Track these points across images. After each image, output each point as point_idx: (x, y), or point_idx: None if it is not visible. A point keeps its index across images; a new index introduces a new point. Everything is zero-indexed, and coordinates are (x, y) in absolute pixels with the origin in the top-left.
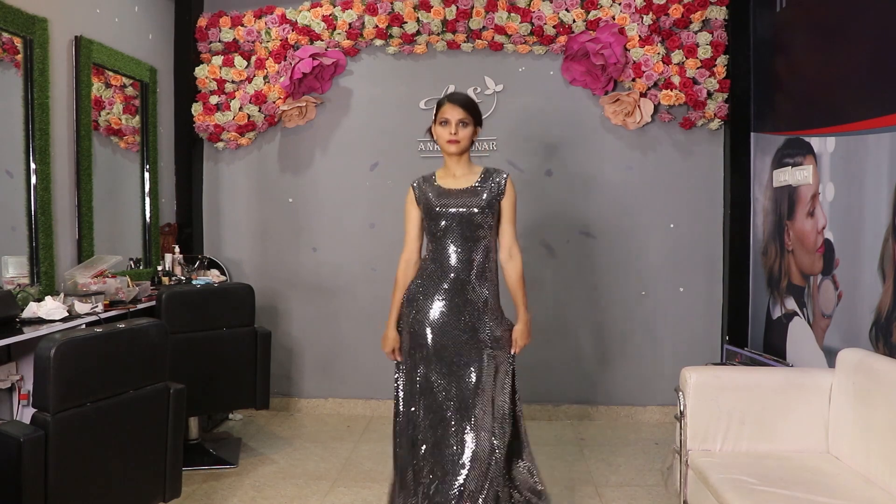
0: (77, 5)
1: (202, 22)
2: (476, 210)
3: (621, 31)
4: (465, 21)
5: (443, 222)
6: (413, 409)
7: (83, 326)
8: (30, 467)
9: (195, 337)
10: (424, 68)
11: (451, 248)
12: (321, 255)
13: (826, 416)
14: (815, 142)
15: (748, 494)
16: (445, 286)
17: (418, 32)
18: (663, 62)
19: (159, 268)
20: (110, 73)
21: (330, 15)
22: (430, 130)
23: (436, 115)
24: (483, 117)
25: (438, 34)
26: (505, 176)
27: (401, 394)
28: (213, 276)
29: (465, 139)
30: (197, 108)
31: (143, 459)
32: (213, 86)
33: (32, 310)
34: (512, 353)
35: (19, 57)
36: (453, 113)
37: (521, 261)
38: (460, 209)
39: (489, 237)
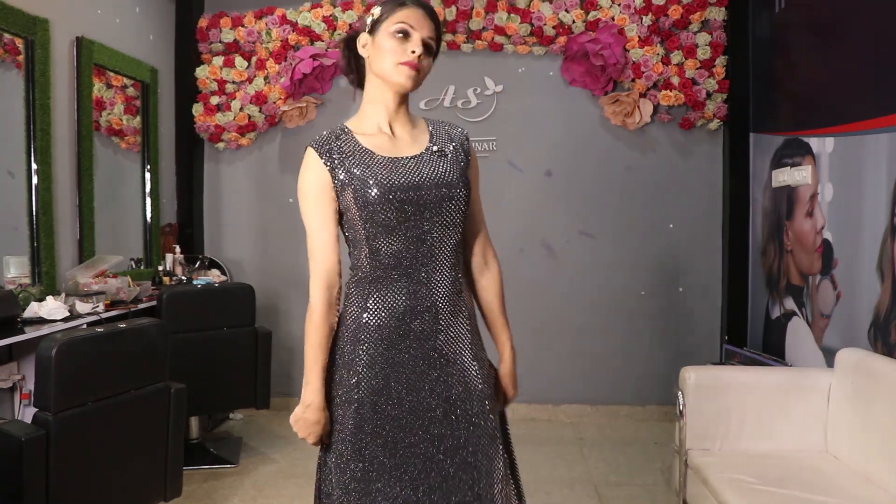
0: (78, 6)
1: (203, 23)
2: (457, 189)
3: (621, 31)
4: (464, 22)
5: (395, 213)
6: None
7: (84, 326)
8: (31, 467)
9: (196, 337)
10: None
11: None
12: None
13: (825, 415)
14: (813, 142)
15: (747, 494)
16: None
17: None
18: (662, 63)
19: (160, 268)
20: (111, 74)
21: (330, 16)
22: (349, 46)
23: (380, 21)
24: (483, 117)
25: None
26: (465, 131)
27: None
28: (214, 276)
29: (425, 71)
30: (198, 109)
31: (144, 459)
32: (214, 86)
33: (34, 309)
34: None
35: (21, 58)
36: (420, 23)
37: (499, 269)
38: (429, 190)
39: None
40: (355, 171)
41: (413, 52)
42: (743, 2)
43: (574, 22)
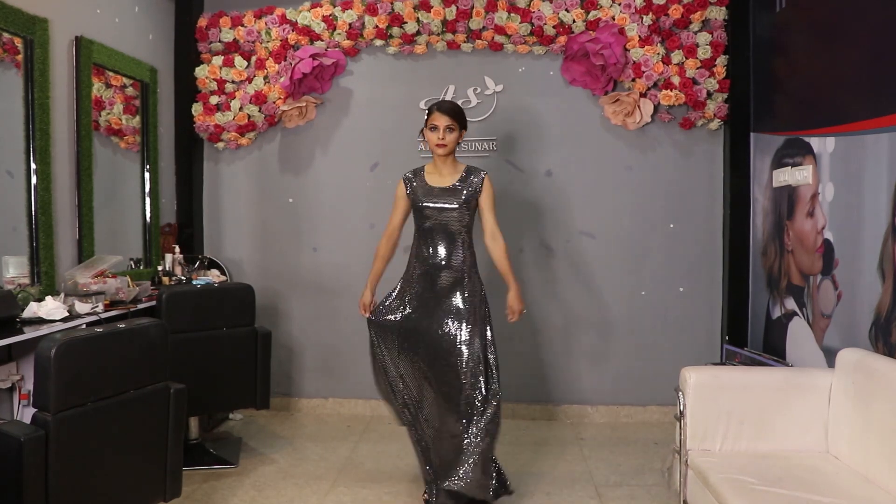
0: (77, 6)
1: (202, 22)
2: (454, 206)
3: (621, 31)
4: (465, 21)
5: (428, 219)
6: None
7: (83, 326)
8: (30, 467)
9: (195, 337)
10: (424, 68)
11: (433, 240)
12: (321, 254)
13: (825, 415)
14: (814, 142)
15: (747, 494)
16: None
17: (418, 33)
18: (663, 62)
19: (160, 268)
20: (111, 74)
21: (330, 15)
22: (422, 132)
23: (426, 120)
24: (483, 117)
25: (438, 34)
26: (483, 174)
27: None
28: (214, 276)
29: (451, 143)
30: (197, 109)
31: (143, 459)
32: (214, 86)
33: (33, 310)
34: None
35: (20, 57)
36: (441, 120)
37: (503, 241)
38: (442, 205)
39: (464, 229)
40: (418, 191)
41: (440, 137)
42: (743, 1)
43: (574, 21)
